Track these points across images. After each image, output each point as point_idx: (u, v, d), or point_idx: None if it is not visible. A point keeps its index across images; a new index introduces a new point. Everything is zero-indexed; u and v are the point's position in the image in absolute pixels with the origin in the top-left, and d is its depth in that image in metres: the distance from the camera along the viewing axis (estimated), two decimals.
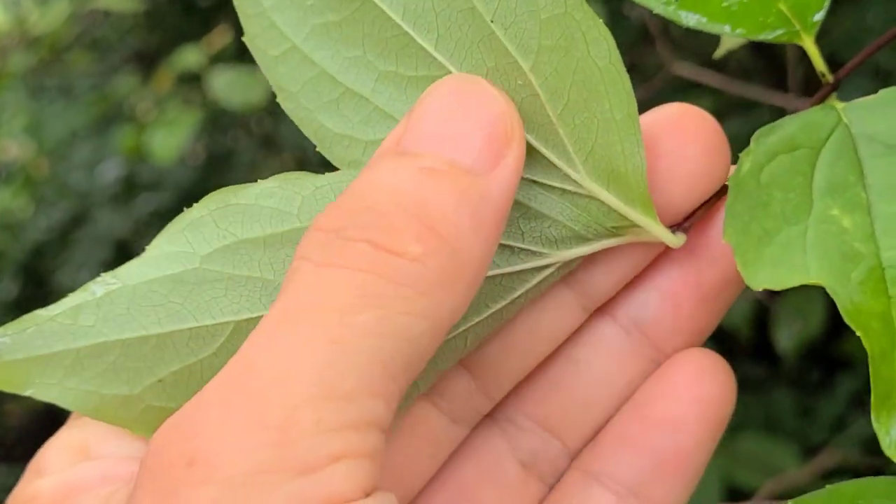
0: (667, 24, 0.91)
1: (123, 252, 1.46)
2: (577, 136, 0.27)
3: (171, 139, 1.17)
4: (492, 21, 0.27)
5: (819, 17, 0.30)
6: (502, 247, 0.28)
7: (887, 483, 0.28)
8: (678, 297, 0.31)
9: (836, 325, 1.02)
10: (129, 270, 0.27)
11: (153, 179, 1.42)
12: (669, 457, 0.30)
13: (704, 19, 0.30)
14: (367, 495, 0.21)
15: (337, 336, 0.21)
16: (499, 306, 0.29)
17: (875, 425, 0.25)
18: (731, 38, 0.35)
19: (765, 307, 1.07)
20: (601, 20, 0.27)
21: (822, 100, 0.30)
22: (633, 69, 1.16)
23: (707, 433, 0.30)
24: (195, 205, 0.27)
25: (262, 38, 0.28)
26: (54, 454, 0.29)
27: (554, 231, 0.29)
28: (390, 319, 0.22)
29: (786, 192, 0.28)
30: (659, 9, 0.30)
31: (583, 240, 0.29)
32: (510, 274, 0.29)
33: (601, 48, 0.27)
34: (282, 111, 0.29)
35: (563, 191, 0.28)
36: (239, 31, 0.28)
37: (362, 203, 0.24)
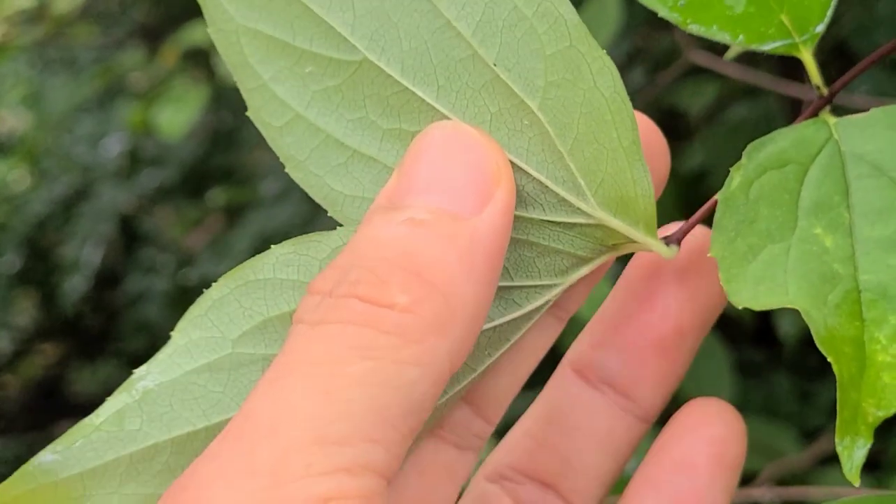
0: None
1: (127, 227, 1.46)
2: (587, 168, 0.27)
3: (179, 115, 1.17)
4: (495, 65, 0.27)
5: (820, 28, 0.30)
6: (518, 289, 0.29)
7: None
8: (640, 353, 0.32)
9: None
10: (163, 364, 0.27)
11: (157, 154, 1.42)
12: (686, 496, 0.31)
13: (704, 28, 0.30)
14: None
15: (329, 386, 0.22)
16: (504, 349, 0.30)
17: (838, 448, 0.25)
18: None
19: None
20: (603, 50, 0.27)
21: (815, 112, 0.30)
22: (646, 55, 1.16)
23: (720, 472, 0.31)
24: (214, 284, 0.27)
25: (265, 110, 0.27)
26: None
27: (565, 262, 0.29)
28: (382, 369, 0.22)
29: (773, 208, 0.28)
30: (664, 13, 0.30)
31: (585, 262, 0.29)
32: (520, 317, 0.29)
33: (606, 78, 0.27)
34: None
35: (573, 224, 0.28)
36: None
37: (351, 260, 0.24)
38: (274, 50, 0.27)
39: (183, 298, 1.40)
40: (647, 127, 0.30)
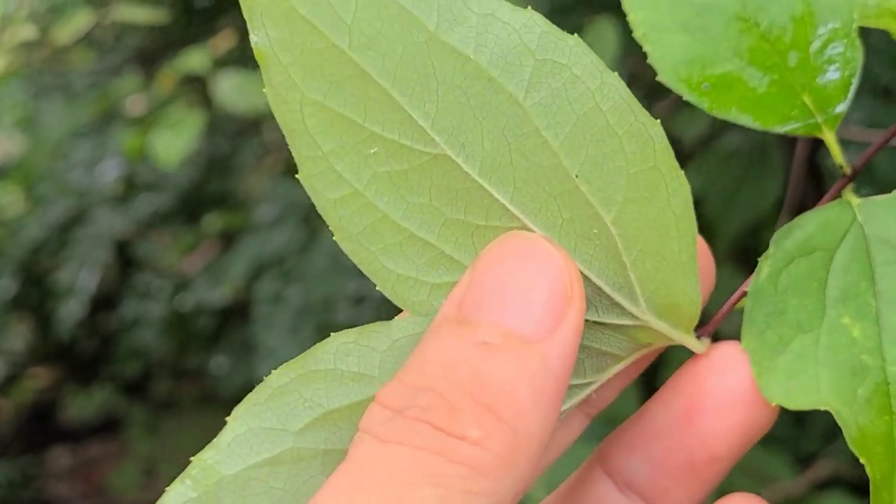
0: None
1: (122, 252, 1.46)
2: (645, 277, 0.27)
3: (175, 142, 1.17)
4: (576, 176, 0.26)
5: (841, 108, 0.30)
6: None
7: None
8: (670, 469, 0.31)
9: None
10: (222, 454, 0.26)
11: (153, 180, 1.42)
12: None
13: (725, 112, 0.30)
14: None
15: None
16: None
17: None
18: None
19: None
20: (681, 170, 0.27)
21: (839, 192, 0.30)
22: (642, 81, 1.17)
23: None
24: (274, 371, 0.27)
25: (320, 180, 0.26)
26: None
27: (608, 361, 0.29)
28: (451, 498, 0.22)
29: (801, 298, 0.27)
30: (689, 97, 0.30)
31: (621, 359, 0.29)
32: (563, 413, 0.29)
33: (680, 197, 0.27)
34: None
35: (620, 325, 0.28)
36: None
37: (422, 380, 0.24)
38: (339, 125, 0.26)
39: (179, 323, 1.41)
40: (698, 243, 0.30)
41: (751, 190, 1.11)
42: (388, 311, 0.28)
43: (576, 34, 0.26)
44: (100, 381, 1.84)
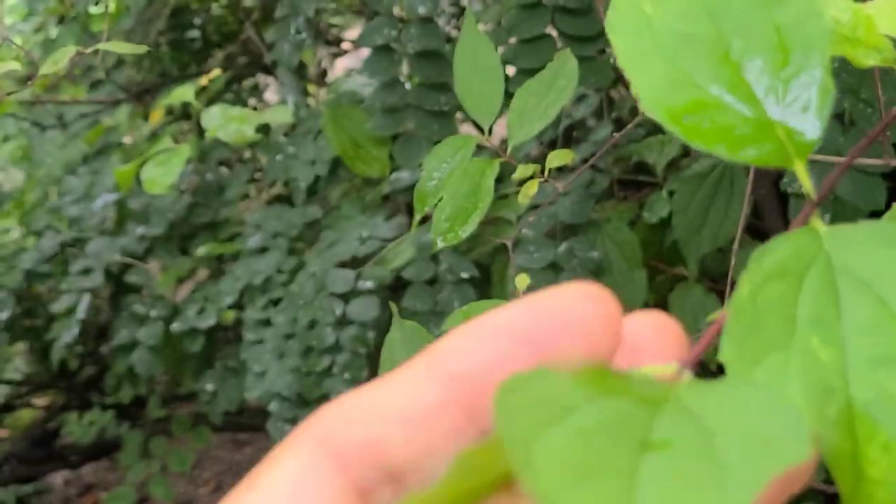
0: None
1: (115, 280, 1.50)
2: None
3: (165, 174, 1.21)
4: None
5: (813, 137, 0.30)
6: None
7: None
8: None
9: None
10: None
11: (145, 210, 1.46)
12: None
13: (704, 144, 0.30)
14: None
15: None
16: None
17: None
18: None
19: None
20: None
21: (806, 219, 0.30)
22: (619, 109, 1.20)
23: None
24: None
25: None
26: None
27: None
28: None
29: (776, 317, 0.28)
30: (669, 127, 0.30)
31: None
32: None
33: None
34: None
35: None
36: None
37: None
38: None
39: (170, 347, 1.44)
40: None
41: (720, 212, 1.14)
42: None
43: None
44: (97, 407, 1.87)
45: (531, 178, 0.79)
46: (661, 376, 0.27)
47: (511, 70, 1.09)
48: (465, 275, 1.20)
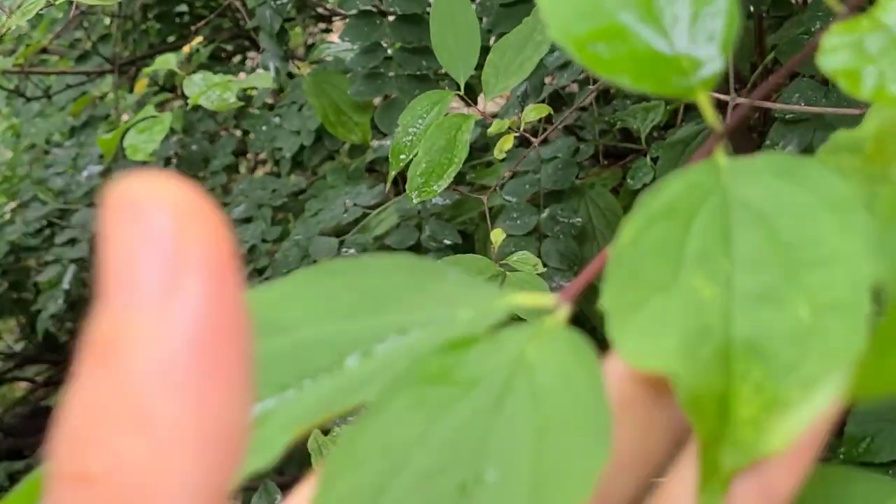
0: None
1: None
2: None
3: (147, 142, 1.21)
4: None
5: (716, 68, 0.30)
6: None
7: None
8: None
9: None
10: None
11: None
12: None
13: (607, 75, 0.29)
14: None
15: None
16: None
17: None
18: None
19: None
20: None
21: (710, 151, 0.30)
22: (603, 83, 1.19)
23: None
24: None
25: None
26: None
27: None
28: None
29: (659, 260, 0.27)
30: (576, 55, 0.30)
31: None
32: None
33: None
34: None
35: None
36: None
37: None
38: None
39: None
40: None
41: None
42: None
43: None
44: None
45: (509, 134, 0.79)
46: (539, 307, 0.27)
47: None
48: (448, 241, 1.20)
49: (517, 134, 0.76)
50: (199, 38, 1.36)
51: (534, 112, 0.76)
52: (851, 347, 0.25)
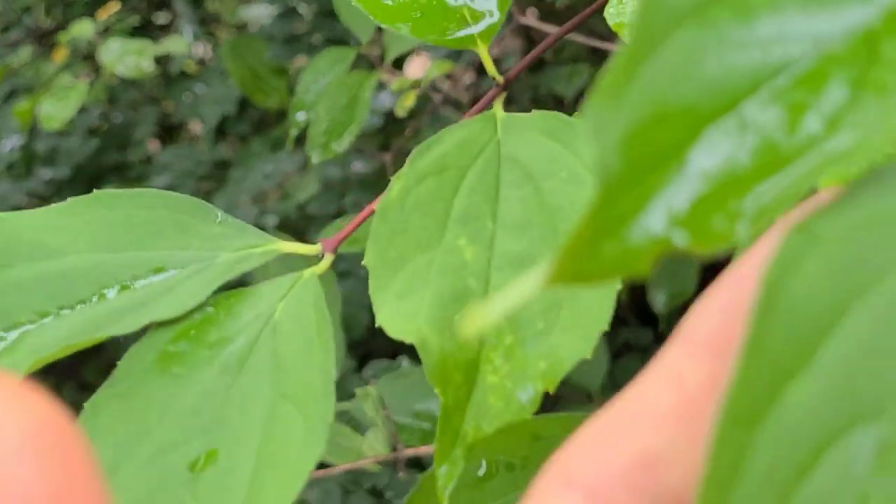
0: None
1: None
2: None
3: (62, 109, 1.18)
4: None
5: (495, 19, 0.29)
6: None
7: (561, 419, 0.29)
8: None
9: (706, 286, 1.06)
10: None
11: (50, 152, 1.43)
12: None
13: (386, 21, 0.29)
14: None
15: None
16: None
17: (438, 474, 0.25)
18: None
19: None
20: None
21: (489, 103, 0.29)
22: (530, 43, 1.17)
23: None
24: None
25: None
26: None
27: None
28: None
29: (425, 217, 0.26)
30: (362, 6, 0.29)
31: None
32: None
33: None
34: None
35: None
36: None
37: None
38: None
39: None
40: None
41: None
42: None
43: None
44: None
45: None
46: (302, 254, 0.27)
47: None
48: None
49: (419, 91, 0.75)
50: (117, 5, 1.33)
51: (437, 69, 0.74)
52: (599, 321, 0.25)
